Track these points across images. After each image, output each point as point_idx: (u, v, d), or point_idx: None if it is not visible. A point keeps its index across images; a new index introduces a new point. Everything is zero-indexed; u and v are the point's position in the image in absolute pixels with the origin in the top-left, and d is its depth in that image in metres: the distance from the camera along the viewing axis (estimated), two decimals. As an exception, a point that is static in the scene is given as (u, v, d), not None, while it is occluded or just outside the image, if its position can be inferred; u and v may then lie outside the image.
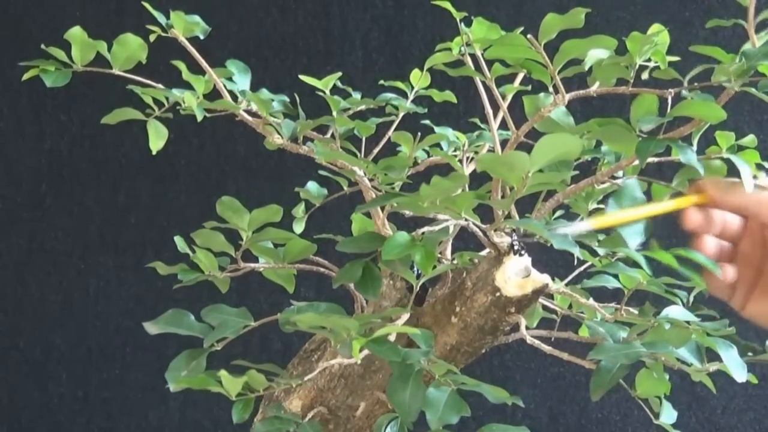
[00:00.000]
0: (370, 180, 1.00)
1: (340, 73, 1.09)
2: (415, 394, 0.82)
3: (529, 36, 0.86)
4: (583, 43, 0.87)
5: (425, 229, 0.96)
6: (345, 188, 1.16)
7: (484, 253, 1.02)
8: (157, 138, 1.02)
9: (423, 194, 0.83)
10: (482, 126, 1.15)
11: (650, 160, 1.00)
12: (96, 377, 2.08)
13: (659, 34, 0.92)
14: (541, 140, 0.78)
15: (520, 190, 0.81)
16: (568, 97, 0.91)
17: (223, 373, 0.87)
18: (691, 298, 1.08)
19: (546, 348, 1.00)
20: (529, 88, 1.00)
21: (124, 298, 2.06)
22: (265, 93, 1.05)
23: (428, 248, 0.88)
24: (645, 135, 0.90)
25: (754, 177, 0.93)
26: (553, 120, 0.94)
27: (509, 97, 1.02)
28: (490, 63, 0.95)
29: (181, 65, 0.98)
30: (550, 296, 1.11)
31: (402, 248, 0.87)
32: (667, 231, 1.97)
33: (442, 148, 1.11)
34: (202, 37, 0.99)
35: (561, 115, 0.94)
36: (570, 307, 1.11)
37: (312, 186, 1.18)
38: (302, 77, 1.07)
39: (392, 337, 0.92)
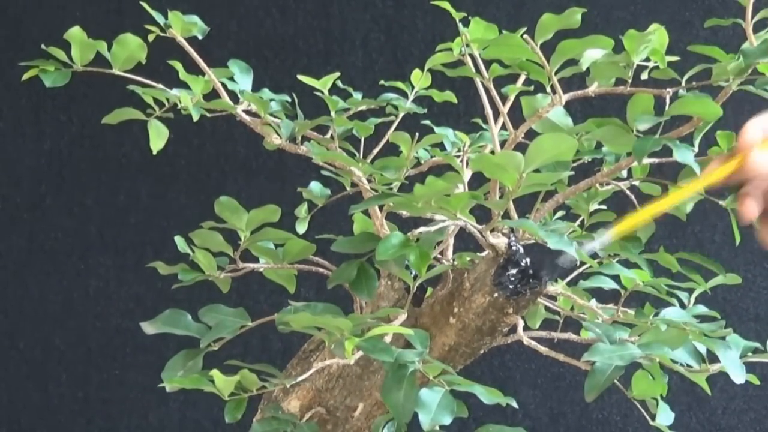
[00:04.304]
0: (369, 181, 1.00)
1: (338, 73, 1.09)
2: (409, 394, 0.82)
3: (525, 36, 0.86)
4: (579, 43, 0.87)
5: (422, 229, 0.96)
6: (348, 188, 1.16)
7: (484, 254, 1.02)
8: (158, 138, 1.02)
9: (417, 194, 0.83)
10: (484, 126, 1.14)
11: (650, 160, 1.00)
12: (96, 378, 2.07)
13: (656, 33, 0.91)
14: (536, 141, 0.78)
15: (515, 190, 0.81)
16: (565, 97, 0.91)
17: (215, 373, 0.87)
18: (692, 299, 1.08)
19: (542, 349, 1.00)
20: (532, 88, 1.00)
21: (123, 298, 2.06)
22: (266, 93, 1.05)
23: (423, 249, 0.88)
24: (642, 135, 0.90)
25: None
26: (551, 120, 0.93)
27: (511, 98, 1.02)
28: (490, 63, 0.95)
29: (178, 65, 0.98)
30: (553, 298, 1.10)
31: (396, 249, 0.87)
32: (668, 231, 1.97)
33: (444, 149, 1.11)
34: (200, 37, 0.99)
35: (559, 115, 0.94)
36: (572, 308, 1.11)
37: (315, 186, 1.17)
38: (301, 77, 1.07)
39: (389, 338, 0.92)
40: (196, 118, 0.97)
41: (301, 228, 1.18)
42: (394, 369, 0.83)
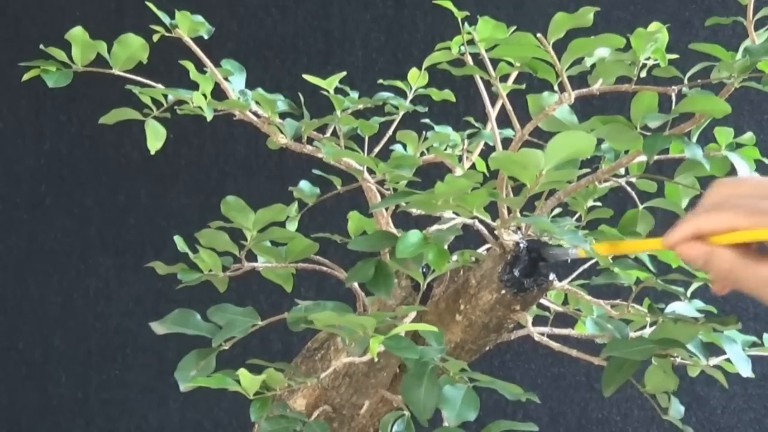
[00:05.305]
0: (377, 179, 1.00)
1: (344, 73, 1.09)
2: (430, 391, 0.82)
3: (538, 35, 0.86)
4: (590, 42, 0.87)
5: (434, 227, 0.96)
6: (339, 187, 1.16)
7: (482, 250, 1.03)
8: (155, 138, 1.02)
9: (437, 192, 0.83)
10: (476, 125, 1.15)
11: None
12: (96, 378, 2.07)
13: (660, 32, 0.92)
14: (555, 138, 0.78)
15: (533, 188, 0.81)
16: (573, 95, 0.91)
17: (242, 372, 0.87)
18: (689, 294, 1.09)
19: (554, 345, 1.00)
20: (524, 86, 1.00)
21: (123, 298, 2.06)
22: (261, 92, 1.05)
23: (441, 246, 0.88)
24: (648, 132, 0.91)
25: None
26: (558, 119, 0.94)
27: (504, 96, 1.03)
28: (493, 61, 0.95)
29: (190, 65, 0.98)
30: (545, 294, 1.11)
31: (415, 247, 0.88)
32: (667, 228, 1.97)
33: (445, 147, 1.12)
34: (206, 37, 0.99)
35: (565, 113, 0.94)
36: (564, 303, 1.12)
37: (304, 185, 1.18)
38: (306, 77, 1.07)
39: (398, 336, 0.92)
40: (209, 117, 0.97)
41: (291, 227, 1.18)
42: (416, 366, 0.84)
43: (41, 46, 0.99)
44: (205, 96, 0.98)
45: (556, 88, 0.94)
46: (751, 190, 0.79)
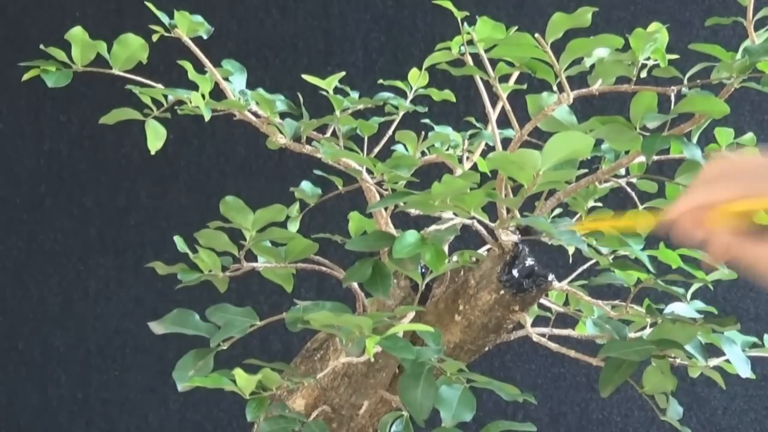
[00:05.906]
0: (375, 179, 1.00)
1: (343, 73, 1.09)
2: (427, 392, 0.82)
3: (536, 35, 0.86)
4: (589, 42, 0.87)
5: (432, 228, 0.96)
6: (340, 188, 1.16)
7: (482, 251, 1.03)
8: (156, 138, 1.02)
9: (435, 192, 0.83)
10: (477, 125, 1.15)
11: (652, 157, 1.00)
12: (95, 379, 2.07)
13: (659, 32, 0.92)
14: (553, 138, 0.78)
15: (530, 188, 0.81)
16: (572, 95, 0.91)
17: (237, 372, 0.87)
18: (689, 295, 1.09)
19: (552, 345, 1.00)
20: (525, 86, 1.00)
21: (123, 299, 2.06)
22: (261, 92, 1.05)
23: (438, 247, 0.88)
24: (647, 132, 0.91)
25: None
26: (557, 119, 0.94)
27: (505, 96, 1.03)
28: (491, 61, 0.95)
29: (188, 65, 0.98)
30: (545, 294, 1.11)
31: (412, 247, 0.88)
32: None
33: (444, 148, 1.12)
34: (205, 37, 0.99)
35: (564, 113, 0.94)
36: (565, 304, 1.12)
37: (306, 185, 1.18)
38: (306, 77, 1.07)
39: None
40: (207, 117, 0.97)
41: (293, 227, 1.18)
42: (413, 366, 0.84)
43: (41, 46, 0.99)
44: (203, 96, 0.98)
45: (555, 88, 0.94)
46: (749, 161, 0.79)
